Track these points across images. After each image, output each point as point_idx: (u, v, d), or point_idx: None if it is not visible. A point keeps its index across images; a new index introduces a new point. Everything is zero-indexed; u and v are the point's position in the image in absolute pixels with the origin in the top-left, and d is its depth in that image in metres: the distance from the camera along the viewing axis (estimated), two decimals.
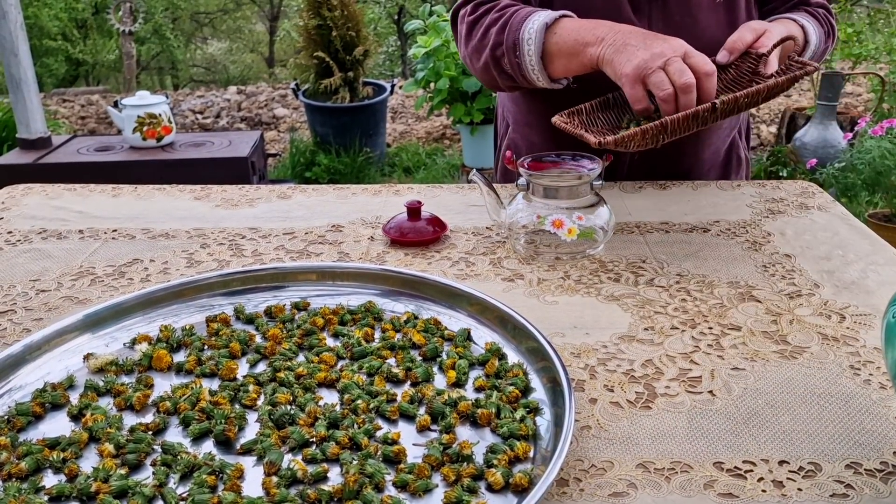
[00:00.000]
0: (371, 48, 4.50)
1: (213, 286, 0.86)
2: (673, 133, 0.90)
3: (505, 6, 1.13)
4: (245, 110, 5.87)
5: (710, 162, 1.30)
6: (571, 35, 1.04)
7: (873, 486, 0.58)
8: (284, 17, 11.05)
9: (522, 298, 0.87)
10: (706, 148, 1.28)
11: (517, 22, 1.08)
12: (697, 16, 1.14)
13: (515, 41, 1.08)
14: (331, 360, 0.73)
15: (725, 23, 1.16)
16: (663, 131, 0.89)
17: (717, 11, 1.15)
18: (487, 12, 1.14)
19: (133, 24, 8.05)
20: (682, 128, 0.90)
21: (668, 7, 1.14)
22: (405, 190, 1.23)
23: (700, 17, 1.15)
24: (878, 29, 5.19)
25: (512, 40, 1.08)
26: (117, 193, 1.24)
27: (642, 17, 1.15)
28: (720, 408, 0.67)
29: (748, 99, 0.91)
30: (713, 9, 1.15)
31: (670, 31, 1.14)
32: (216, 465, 0.59)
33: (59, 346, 0.76)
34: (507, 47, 1.09)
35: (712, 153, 1.30)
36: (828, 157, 3.56)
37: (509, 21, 1.09)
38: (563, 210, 0.94)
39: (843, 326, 0.80)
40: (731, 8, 1.16)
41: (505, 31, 1.09)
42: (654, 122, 0.88)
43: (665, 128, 0.88)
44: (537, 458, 0.60)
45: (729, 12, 1.16)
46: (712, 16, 1.15)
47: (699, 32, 1.15)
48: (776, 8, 1.22)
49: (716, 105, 0.88)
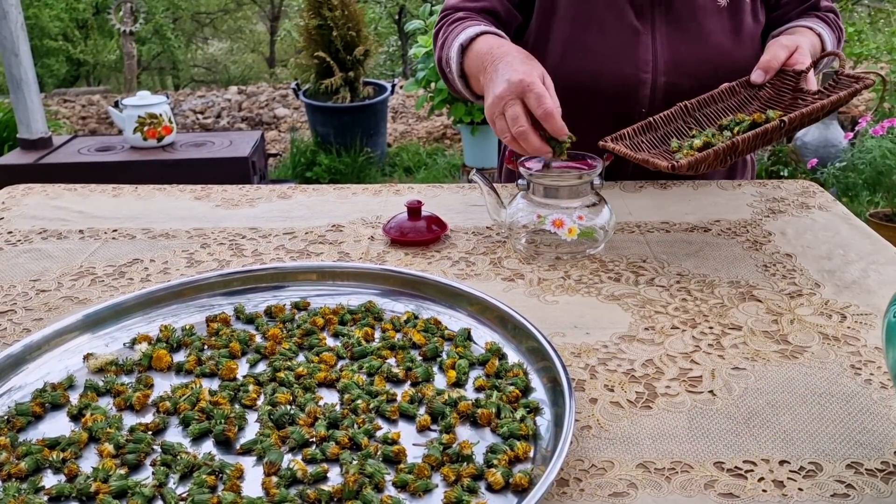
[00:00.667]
0: (372, 48, 4.50)
1: (213, 286, 0.86)
2: (742, 153, 0.90)
3: (458, 19, 1.16)
4: (246, 110, 5.87)
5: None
6: (475, 60, 1.06)
7: (874, 485, 0.57)
8: (285, 17, 11.05)
9: (523, 298, 0.87)
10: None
11: (451, 39, 1.12)
12: (701, 20, 1.14)
13: (446, 58, 1.13)
14: (331, 359, 0.73)
15: (729, 27, 1.16)
16: (733, 151, 0.89)
17: (720, 16, 1.15)
18: (444, 24, 1.18)
19: (134, 24, 8.05)
20: (751, 147, 0.90)
21: (672, 11, 1.14)
22: (406, 190, 1.23)
23: (704, 21, 1.14)
24: (879, 28, 5.18)
25: (444, 57, 1.13)
26: (118, 193, 1.24)
27: (645, 21, 1.15)
28: (721, 407, 0.67)
29: (812, 116, 0.90)
30: (717, 13, 1.15)
31: (673, 35, 1.14)
32: (216, 465, 0.59)
33: (59, 346, 0.76)
34: (443, 63, 1.14)
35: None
36: (829, 156, 3.56)
37: (447, 37, 1.14)
38: (564, 210, 0.94)
39: (844, 326, 0.80)
40: (735, 12, 1.16)
41: (444, 46, 1.14)
42: (726, 143, 0.88)
43: (735, 148, 0.88)
44: (537, 457, 0.60)
45: (733, 17, 1.16)
46: (716, 20, 1.15)
47: (703, 37, 1.15)
48: (787, 13, 1.22)
49: (784, 123, 0.88)
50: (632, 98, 1.16)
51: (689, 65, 1.15)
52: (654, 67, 1.15)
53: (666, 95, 1.16)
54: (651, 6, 1.15)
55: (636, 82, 1.16)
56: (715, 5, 1.15)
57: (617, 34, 1.15)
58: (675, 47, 1.15)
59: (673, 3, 1.14)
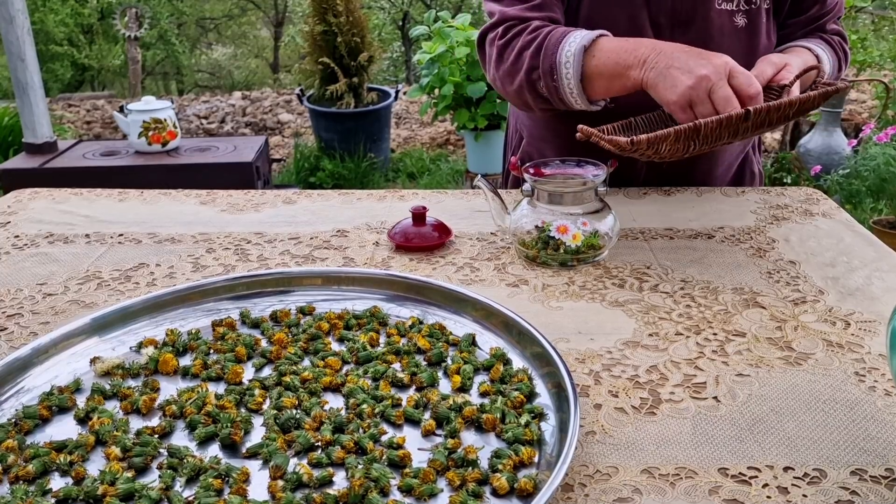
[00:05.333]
0: (376, 54, 4.51)
1: (218, 290, 0.87)
2: (705, 139, 0.88)
3: (537, 27, 1.10)
4: (250, 115, 5.89)
5: (721, 178, 1.30)
6: (612, 57, 1.01)
7: (878, 492, 0.58)
8: (289, 22, 11.09)
9: (527, 304, 0.87)
10: (719, 165, 1.27)
11: (552, 44, 1.05)
12: (720, 41, 1.13)
13: (553, 64, 1.05)
14: (336, 364, 0.73)
15: (746, 47, 1.15)
16: (696, 135, 0.87)
17: (738, 37, 1.14)
18: (519, 34, 1.11)
19: (139, 29, 8.09)
20: (715, 135, 0.88)
21: (691, 32, 1.13)
22: (410, 195, 1.23)
23: (722, 42, 1.13)
24: (883, 36, 5.19)
25: (549, 64, 1.05)
26: (123, 198, 1.25)
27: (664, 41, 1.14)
28: (725, 414, 0.67)
29: (780, 111, 0.90)
30: (735, 34, 1.14)
31: None
32: (222, 468, 0.59)
33: (65, 349, 0.76)
34: (544, 71, 1.06)
35: (725, 169, 1.29)
36: (832, 163, 3.56)
37: (544, 43, 1.06)
38: (568, 216, 0.95)
39: (848, 333, 0.80)
40: (753, 33, 1.15)
41: (540, 54, 1.06)
42: (688, 125, 0.86)
43: (698, 131, 0.86)
44: (542, 463, 0.60)
45: (750, 37, 1.15)
46: (733, 41, 1.14)
47: None
48: (793, 33, 1.21)
49: (749, 113, 0.86)
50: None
51: None
52: None
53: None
54: (671, 27, 1.13)
55: (654, 104, 1.15)
56: (733, 26, 1.13)
57: None
58: None
59: (693, 23, 1.13)
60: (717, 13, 1.13)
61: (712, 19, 1.13)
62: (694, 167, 1.24)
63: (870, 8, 5.02)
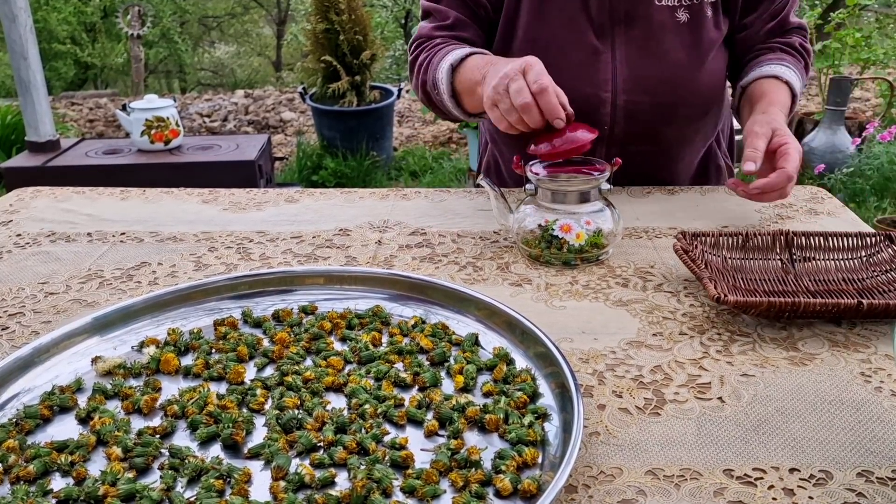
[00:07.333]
0: (378, 52, 4.51)
1: (220, 290, 0.86)
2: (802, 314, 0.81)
3: (436, 45, 1.18)
4: (252, 114, 5.89)
5: (684, 173, 1.30)
6: (467, 76, 1.08)
7: (885, 494, 0.57)
8: (292, 20, 11.08)
9: (530, 303, 0.86)
10: (678, 161, 1.26)
11: (435, 62, 1.14)
12: (661, 38, 1.14)
13: (434, 81, 1.14)
14: (338, 364, 0.73)
15: (689, 43, 1.15)
16: (793, 310, 0.79)
17: (680, 32, 1.14)
18: (422, 52, 1.20)
19: (141, 27, 8.09)
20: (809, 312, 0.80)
21: (633, 29, 1.14)
22: (412, 194, 1.23)
23: (664, 38, 1.14)
24: (888, 34, 5.17)
25: (432, 80, 1.15)
26: (125, 196, 1.24)
27: (605, 39, 1.14)
28: (730, 414, 0.67)
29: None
30: (677, 30, 1.14)
31: (633, 53, 1.14)
32: (224, 469, 0.59)
33: (67, 348, 0.76)
34: (430, 86, 1.16)
35: (685, 165, 1.29)
36: (836, 162, 3.55)
37: (430, 61, 1.16)
38: (572, 215, 0.94)
39: (854, 333, 0.79)
40: (696, 27, 1.15)
41: (428, 70, 1.16)
42: (787, 301, 0.79)
43: (797, 308, 0.79)
44: (546, 464, 0.60)
45: (693, 32, 1.15)
46: (675, 37, 1.14)
47: (662, 54, 1.14)
48: (756, 32, 1.21)
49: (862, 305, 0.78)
50: (593, 117, 1.16)
51: (648, 83, 1.14)
52: (613, 86, 1.15)
53: (626, 114, 1.16)
54: (611, 25, 1.14)
55: (597, 101, 1.16)
56: (674, 22, 1.14)
57: (577, 54, 1.15)
58: (634, 65, 1.15)
59: (634, 21, 1.14)
60: (657, 10, 1.13)
61: (652, 16, 1.13)
62: (656, 164, 1.24)
63: (874, 6, 5.01)
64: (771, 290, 0.87)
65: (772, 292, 0.87)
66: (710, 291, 0.80)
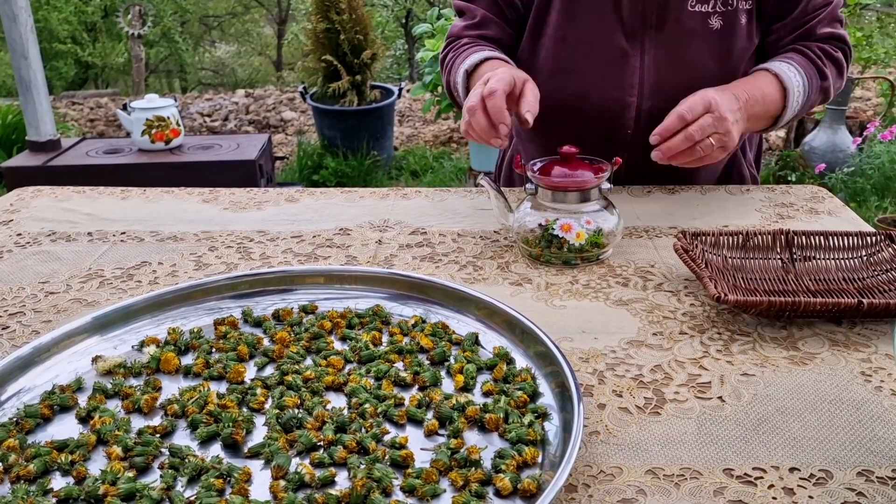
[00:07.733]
0: (379, 52, 4.51)
1: (220, 289, 0.86)
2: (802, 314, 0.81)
3: (461, 45, 1.20)
4: (253, 113, 5.89)
5: (706, 181, 1.28)
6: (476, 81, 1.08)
7: (885, 494, 0.57)
8: (292, 20, 11.08)
9: (530, 303, 0.86)
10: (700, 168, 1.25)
11: (457, 65, 1.17)
12: (692, 44, 1.12)
13: (454, 83, 1.17)
14: (338, 363, 0.73)
15: (719, 51, 1.13)
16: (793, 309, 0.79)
17: (712, 39, 1.12)
18: (450, 51, 1.23)
19: (142, 27, 8.09)
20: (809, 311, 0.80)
21: (662, 34, 1.12)
22: (413, 193, 1.23)
23: (694, 45, 1.12)
24: (889, 33, 5.17)
25: (453, 81, 1.18)
26: (126, 196, 1.25)
27: (635, 42, 1.13)
28: (730, 414, 0.67)
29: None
30: (708, 37, 1.12)
31: (662, 58, 1.12)
32: (224, 468, 0.59)
33: (67, 348, 0.76)
34: (452, 87, 1.19)
35: (708, 173, 1.27)
36: (836, 161, 3.55)
37: (454, 62, 1.19)
38: (572, 214, 0.94)
39: (854, 333, 0.79)
40: (728, 36, 1.13)
41: (451, 71, 1.19)
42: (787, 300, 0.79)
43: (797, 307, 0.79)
44: (545, 463, 0.60)
45: (725, 41, 1.13)
46: (707, 44, 1.12)
47: (690, 61, 1.12)
48: (780, 38, 1.17)
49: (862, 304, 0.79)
50: (617, 121, 1.16)
51: (673, 89, 1.09)
52: (639, 91, 1.14)
53: (650, 119, 1.12)
54: (642, 27, 1.12)
55: (621, 106, 1.15)
56: (707, 28, 1.11)
57: (605, 56, 1.14)
58: (662, 71, 1.13)
59: (665, 25, 1.12)
60: (690, 15, 1.11)
61: (684, 22, 1.11)
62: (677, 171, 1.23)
63: (876, 5, 5.00)
64: (771, 289, 0.88)
65: (772, 292, 0.87)
66: (710, 291, 0.80)
